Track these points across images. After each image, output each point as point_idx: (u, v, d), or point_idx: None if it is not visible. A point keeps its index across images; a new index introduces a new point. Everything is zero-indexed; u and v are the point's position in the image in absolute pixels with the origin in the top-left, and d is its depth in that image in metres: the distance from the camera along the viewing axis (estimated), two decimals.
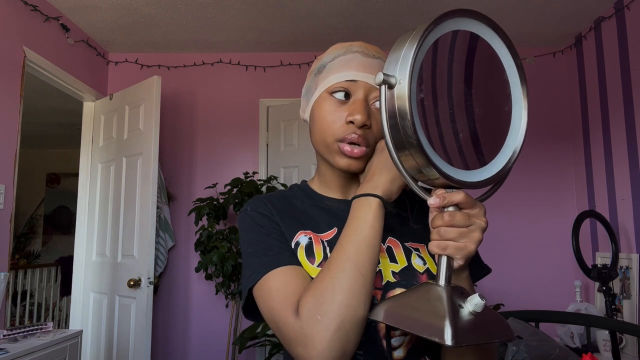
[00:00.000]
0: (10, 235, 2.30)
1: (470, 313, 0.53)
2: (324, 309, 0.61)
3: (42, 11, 2.56)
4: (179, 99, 3.35)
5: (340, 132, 0.73)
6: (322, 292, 0.62)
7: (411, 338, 0.70)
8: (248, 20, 2.88)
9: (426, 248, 0.76)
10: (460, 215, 0.58)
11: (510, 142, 0.61)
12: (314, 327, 0.60)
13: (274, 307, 0.66)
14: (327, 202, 0.81)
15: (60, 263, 5.40)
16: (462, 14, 0.56)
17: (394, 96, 0.54)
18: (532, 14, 2.79)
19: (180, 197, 3.27)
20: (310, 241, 0.74)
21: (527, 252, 3.11)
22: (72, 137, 5.24)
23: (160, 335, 3.16)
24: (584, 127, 3.04)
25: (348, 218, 0.68)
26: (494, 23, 0.59)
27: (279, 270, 0.69)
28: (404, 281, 0.71)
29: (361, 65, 0.74)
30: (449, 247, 0.58)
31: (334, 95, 0.74)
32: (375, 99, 0.74)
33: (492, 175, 0.59)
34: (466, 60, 0.59)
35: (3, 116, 2.27)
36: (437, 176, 0.55)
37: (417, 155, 0.54)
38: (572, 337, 2.30)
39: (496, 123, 0.61)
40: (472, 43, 0.59)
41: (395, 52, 0.56)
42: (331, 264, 0.64)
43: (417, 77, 0.54)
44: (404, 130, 0.53)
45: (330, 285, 0.62)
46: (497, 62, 0.61)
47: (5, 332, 1.88)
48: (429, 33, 0.54)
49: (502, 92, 0.61)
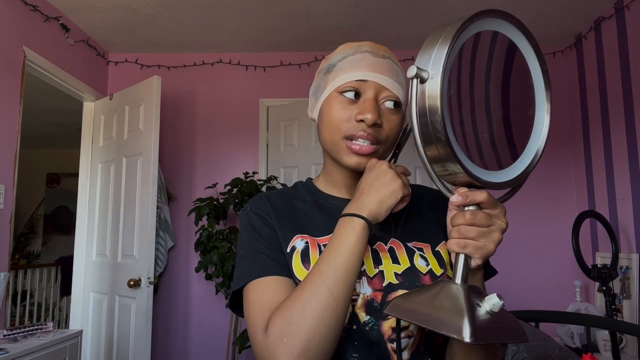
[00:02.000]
0: (10, 235, 2.30)
1: (487, 312, 0.53)
2: (291, 331, 0.61)
3: (42, 11, 2.56)
4: (179, 99, 3.35)
5: (350, 130, 0.73)
6: (291, 314, 0.62)
7: (415, 340, 0.69)
8: (248, 20, 2.88)
9: (430, 248, 0.75)
10: (481, 215, 0.58)
11: (532, 145, 0.61)
12: (278, 347, 0.60)
13: (249, 318, 0.68)
14: (330, 200, 0.81)
15: (60, 263, 5.40)
16: (496, 14, 0.57)
17: (425, 91, 0.54)
18: (532, 14, 2.79)
19: (180, 197, 3.27)
20: (306, 246, 0.74)
21: (527, 252, 3.11)
22: (72, 137, 5.24)
23: (160, 335, 3.16)
24: (584, 127, 3.04)
25: (332, 235, 0.67)
26: (524, 26, 0.59)
27: (260, 281, 0.69)
28: (407, 282, 0.70)
29: (371, 65, 0.74)
30: (469, 246, 0.57)
31: (344, 95, 0.74)
32: (385, 99, 0.73)
33: (514, 177, 0.59)
34: (493, 61, 0.59)
35: (3, 116, 2.27)
36: (461, 173, 0.55)
37: (443, 151, 0.54)
38: (572, 337, 2.30)
39: (518, 126, 0.61)
40: (501, 45, 0.59)
41: (428, 47, 0.55)
42: (306, 285, 0.64)
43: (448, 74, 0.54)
44: (433, 125, 0.53)
45: (300, 308, 0.62)
46: (524, 66, 0.61)
47: (5, 332, 1.88)
48: (463, 30, 0.54)
49: (526, 95, 0.61)
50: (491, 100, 0.59)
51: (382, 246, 0.74)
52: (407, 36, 3.11)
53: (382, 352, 0.68)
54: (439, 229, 0.79)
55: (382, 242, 0.75)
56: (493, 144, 0.59)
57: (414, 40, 3.16)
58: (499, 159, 0.59)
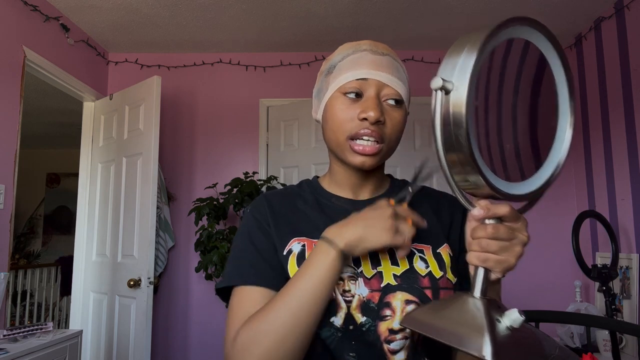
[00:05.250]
0: (10, 235, 2.30)
1: (507, 328, 0.52)
2: (252, 348, 0.63)
3: (42, 11, 2.56)
4: (179, 99, 3.35)
5: (353, 129, 0.73)
6: (255, 331, 0.64)
7: (412, 341, 0.69)
8: (248, 20, 2.88)
9: (431, 250, 0.75)
10: (503, 229, 0.57)
11: (554, 157, 0.59)
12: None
13: (226, 324, 0.70)
14: (334, 200, 0.81)
15: (60, 263, 5.40)
16: (524, 22, 0.55)
17: (449, 102, 0.51)
18: (531, 14, 2.79)
19: (180, 197, 3.27)
20: (302, 249, 0.74)
21: (527, 252, 3.08)
22: (72, 137, 5.23)
23: (160, 335, 3.16)
24: (584, 127, 3.04)
25: (307, 257, 0.68)
26: (552, 35, 0.57)
27: (242, 289, 0.72)
28: (405, 284, 0.70)
29: (371, 63, 0.74)
30: (490, 260, 0.56)
31: (346, 95, 0.74)
32: (386, 96, 0.73)
33: (535, 189, 0.58)
34: (519, 70, 0.57)
35: (3, 116, 2.27)
36: (483, 185, 0.53)
37: (467, 164, 0.52)
38: (572, 337, 2.30)
39: (541, 137, 0.60)
40: (526, 53, 0.57)
41: (452, 56, 0.53)
42: (274, 304, 0.66)
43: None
44: (457, 137, 0.51)
45: (264, 327, 0.64)
46: (549, 76, 0.59)
47: (5, 332, 1.88)
48: (490, 39, 0.52)
49: (549, 106, 0.60)
50: (516, 111, 0.57)
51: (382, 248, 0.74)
52: (407, 36, 3.10)
53: (379, 353, 0.68)
54: (442, 231, 0.78)
55: None
56: (517, 155, 0.57)
57: (414, 40, 3.16)
58: (521, 170, 0.58)
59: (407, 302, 0.69)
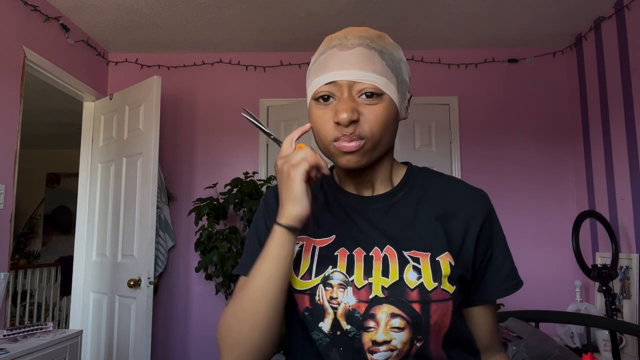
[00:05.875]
0: (10, 235, 2.30)
1: None
2: (224, 330, 0.72)
3: (42, 11, 2.56)
4: (179, 99, 3.35)
5: (333, 134, 0.72)
6: (226, 314, 0.72)
7: (398, 354, 0.69)
8: (248, 20, 2.88)
9: (429, 258, 0.72)
10: None
11: None
12: (220, 341, 0.72)
13: None
14: (344, 197, 0.81)
15: (60, 263, 5.40)
16: None
17: None
18: (532, 14, 2.79)
19: (180, 197, 3.27)
20: (299, 250, 0.75)
21: (527, 252, 3.11)
22: (72, 137, 5.23)
23: (160, 335, 3.16)
24: (584, 127, 3.04)
25: None
26: None
27: (242, 279, 0.78)
28: (392, 297, 0.69)
29: (338, 63, 0.72)
30: None
31: (318, 100, 0.73)
32: (359, 93, 0.71)
33: None
34: None
35: (3, 116, 2.27)
36: None
37: None
38: (572, 337, 2.30)
39: None
40: None
41: None
42: (240, 290, 0.73)
43: None
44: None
45: (232, 310, 0.72)
46: None
47: (5, 332, 1.88)
48: None
49: None
50: None
51: (378, 253, 0.73)
52: (407, 36, 3.10)
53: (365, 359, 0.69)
54: (444, 238, 0.74)
55: (378, 248, 0.73)
56: None
57: (414, 40, 3.16)
58: None
59: (392, 316, 0.68)
